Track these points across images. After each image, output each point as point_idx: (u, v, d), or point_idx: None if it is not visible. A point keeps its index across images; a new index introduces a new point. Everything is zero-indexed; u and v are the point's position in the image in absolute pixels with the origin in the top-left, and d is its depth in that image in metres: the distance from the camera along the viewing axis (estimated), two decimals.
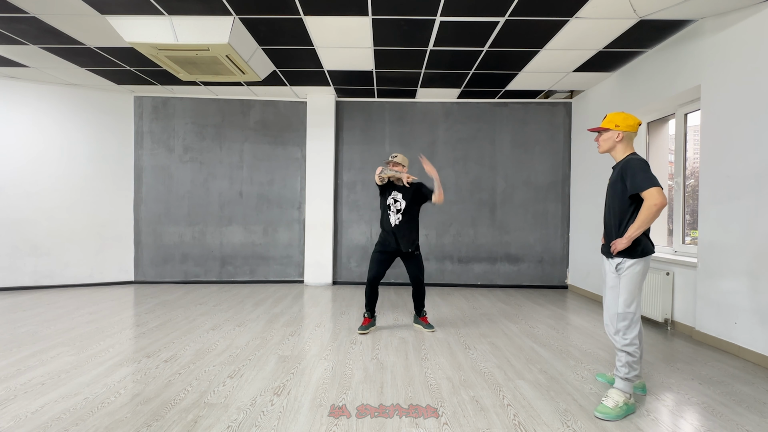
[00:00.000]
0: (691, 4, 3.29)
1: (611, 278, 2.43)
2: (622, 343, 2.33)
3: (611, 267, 2.42)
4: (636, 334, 2.31)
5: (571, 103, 6.09)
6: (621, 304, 2.33)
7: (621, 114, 2.43)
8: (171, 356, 3.06)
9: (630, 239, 2.27)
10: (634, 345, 2.30)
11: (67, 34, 4.04)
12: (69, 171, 5.68)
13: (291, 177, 6.26)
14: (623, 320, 2.33)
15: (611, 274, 2.43)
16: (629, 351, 2.30)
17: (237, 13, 3.66)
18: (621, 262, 2.35)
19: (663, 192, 2.20)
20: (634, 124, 2.41)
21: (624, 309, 2.32)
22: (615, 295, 2.39)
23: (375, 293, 3.76)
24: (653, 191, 2.19)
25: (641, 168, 2.27)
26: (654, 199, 2.18)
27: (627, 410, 2.23)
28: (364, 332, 3.69)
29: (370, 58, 4.62)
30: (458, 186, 6.20)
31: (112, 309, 4.51)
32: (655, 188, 2.19)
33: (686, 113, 4.14)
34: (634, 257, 2.31)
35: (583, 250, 5.68)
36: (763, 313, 3.03)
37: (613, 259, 2.40)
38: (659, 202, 2.18)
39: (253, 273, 6.24)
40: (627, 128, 2.40)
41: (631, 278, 2.31)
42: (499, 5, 3.45)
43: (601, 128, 2.47)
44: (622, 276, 2.34)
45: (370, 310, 3.77)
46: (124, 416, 2.16)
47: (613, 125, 2.41)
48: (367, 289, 3.75)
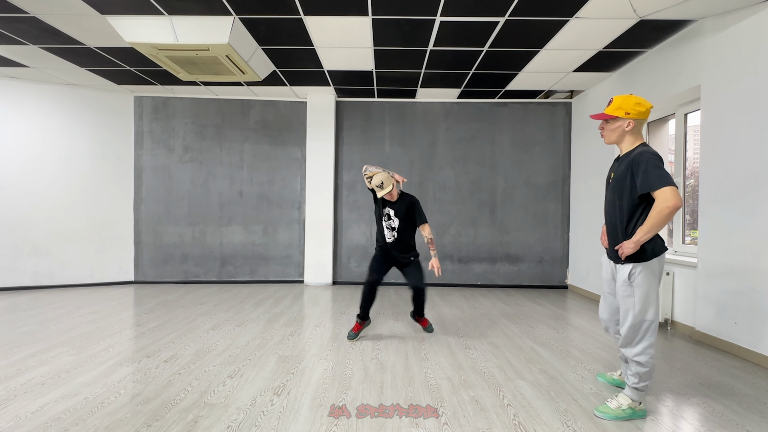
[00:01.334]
0: (691, 4, 3.29)
1: (621, 285, 2.19)
2: (633, 353, 2.16)
3: (623, 274, 2.17)
4: (649, 344, 2.13)
5: (571, 103, 6.09)
6: (638, 314, 2.12)
7: (631, 98, 2.12)
8: (171, 356, 3.06)
9: (638, 244, 2.04)
10: (646, 355, 2.13)
11: (67, 34, 4.04)
12: (69, 171, 5.68)
13: (291, 177, 6.26)
14: (639, 329, 2.14)
15: (621, 281, 2.18)
16: (640, 361, 2.13)
17: (237, 13, 3.66)
18: (633, 269, 2.11)
19: (678, 192, 1.95)
20: (646, 110, 2.12)
21: (641, 318, 2.12)
22: (630, 304, 2.15)
23: (373, 295, 3.48)
24: (666, 191, 1.93)
25: (655, 164, 2.00)
26: (667, 201, 1.93)
27: (632, 414, 2.18)
28: (353, 340, 3.47)
29: (370, 58, 4.62)
30: (458, 186, 6.20)
31: (112, 309, 4.51)
32: (669, 188, 1.93)
33: (686, 113, 4.14)
34: (645, 260, 2.09)
35: (583, 250, 5.68)
36: (763, 313, 3.03)
37: (623, 266, 2.16)
38: (672, 204, 1.92)
39: (253, 273, 6.24)
40: (638, 116, 2.11)
41: (647, 284, 2.10)
42: (499, 5, 3.45)
43: (609, 116, 2.17)
44: (635, 284, 2.12)
45: (364, 314, 3.48)
46: (124, 416, 2.16)
47: (622, 113, 2.12)
48: (366, 289, 3.44)
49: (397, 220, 3.45)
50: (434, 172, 6.21)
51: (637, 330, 2.15)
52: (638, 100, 2.13)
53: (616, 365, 2.98)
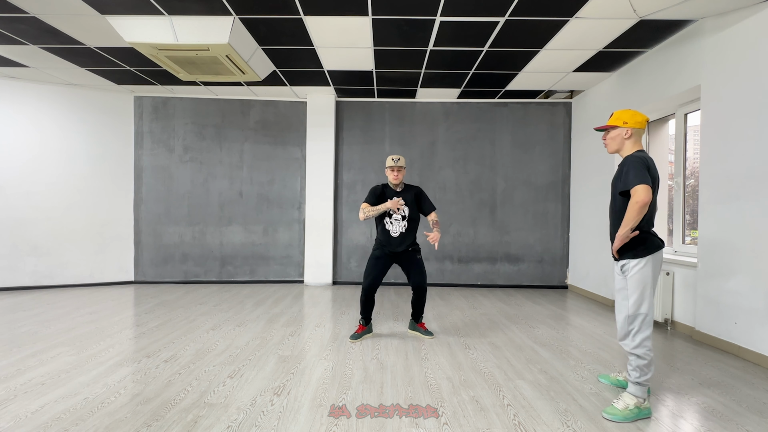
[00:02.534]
0: (691, 4, 3.29)
1: (618, 280, 2.38)
2: (630, 345, 2.27)
3: (617, 268, 2.38)
4: (646, 337, 2.24)
5: (571, 103, 6.09)
6: (631, 306, 2.27)
7: (628, 111, 2.38)
8: (171, 356, 3.06)
9: (621, 239, 2.23)
10: (644, 347, 2.24)
11: (67, 34, 4.04)
12: (69, 171, 5.68)
13: (291, 177, 6.26)
14: (632, 322, 2.27)
15: (618, 276, 2.38)
16: (639, 354, 2.24)
17: (237, 13, 3.66)
18: (626, 264, 2.30)
19: (648, 189, 2.14)
20: (642, 120, 2.35)
21: (634, 311, 2.26)
22: (623, 297, 2.33)
23: (371, 302, 3.52)
24: (638, 188, 2.14)
25: (635, 165, 2.21)
26: (636, 196, 2.14)
27: (638, 414, 2.19)
28: (355, 340, 3.48)
29: (370, 58, 4.62)
30: (458, 186, 6.20)
31: (112, 309, 4.51)
32: (641, 186, 2.14)
33: (686, 113, 4.14)
34: (638, 257, 2.25)
35: (583, 250, 5.68)
36: (763, 313, 3.03)
37: (619, 261, 2.35)
38: (640, 199, 2.13)
39: (253, 273, 6.24)
40: (635, 125, 2.33)
41: (639, 279, 2.25)
42: (499, 5, 3.45)
43: (609, 126, 2.40)
44: (628, 278, 2.29)
45: (366, 317, 3.56)
46: (124, 416, 2.16)
47: (621, 122, 2.35)
48: (363, 297, 3.50)
49: (407, 208, 3.49)
50: (434, 172, 6.21)
51: (632, 322, 2.28)
52: (635, 112, 2.38)
53: (617, 365, 2.99)
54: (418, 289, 3.52)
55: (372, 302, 3.54)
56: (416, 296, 3.57)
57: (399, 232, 3.48)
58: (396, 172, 3.47)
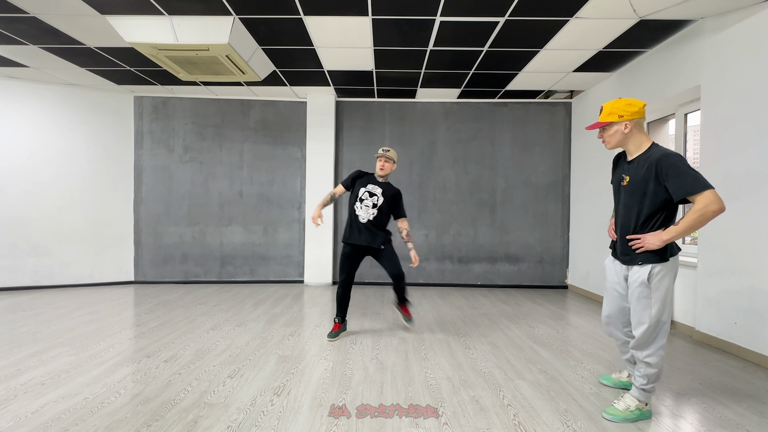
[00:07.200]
0: (691, 4, 3.29)
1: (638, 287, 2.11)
2: (644, 354, 2.14)
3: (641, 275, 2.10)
4: (662, 345, 2.12)
5: (571, 103, 6.09)
6: (653, 315, 2.08)
7: (620, 101, 2.13)
8: (171, 356, 3.06)
9: (666, 242, 2.00)
10: (657, 356, 2.12)
11: (67, 34, 4.04)
12: (69, 171, 5.68)
13: (291, 177, 6.26)
14: (653, 332, 2.11)
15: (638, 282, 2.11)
16: (650, 362, 2.13)
17: (237, 13, 3.66)
18: (653, 269, 2.07)
19: (719, 195, 1.90)
20: (639, 108, 2.10)
21: (657, 319, 2.09)
22: (645, 306, 2.10)
23: (347, 297, 3.60)
24: (709, 195, 1.88)
25: (686, 167, 1.94)
26: (712, 204, 1.87)
27: (639, 415, 2.17)
28: (333, 339, 3.49)
29: (370, 58, 4.62)
30: (458, 186, 6.20)
31: (112, 309, 4.51)
32: (711, 191, 1.88)
33: (686, 113, 4.14)
34: (665, 260, 2.05)
35: (583, 250, 5.68)
36: (763, 313, 3.03)
37: (641, 267, 2.11)
38: (718, 208, 1.87)
39: (253, 273, 6.24)
40: (633, 116, 2.09)
41: (666, 285, 2.07)
42: (499, 5, 3.45)
43: (603, 123, 2.16)
44: (652, 285, 2.07)
45: (341, 315, 3.60)
46: (124, 416, 2.16)
47: (615, 117, 2.11)
48: (339, 292, 3.57)
49: (382, 199, 3.55)
50: (434, 172, 6.21)
51: (654, 332, 2.12)
52: (628, 101, 2.12)
53: (617, 365, 2.99)
54: (396, 276, 3.59)
55: (348, 298, 3.62)
56: (396, 283, 3.66)
57: (367, 219, 3.53)
58: (383, 162, 3.54)
